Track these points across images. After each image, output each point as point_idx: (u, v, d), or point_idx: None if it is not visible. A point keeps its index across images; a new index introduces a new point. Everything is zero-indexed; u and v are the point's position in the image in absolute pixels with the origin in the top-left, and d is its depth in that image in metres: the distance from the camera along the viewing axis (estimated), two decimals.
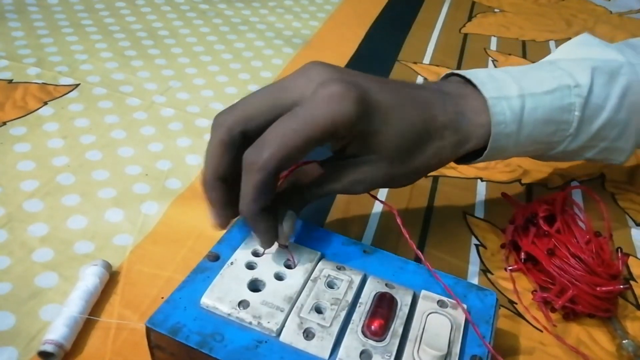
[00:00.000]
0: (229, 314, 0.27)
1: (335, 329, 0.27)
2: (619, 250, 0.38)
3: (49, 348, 0.29)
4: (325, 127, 0.27)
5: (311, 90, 0.28)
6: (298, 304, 0.28)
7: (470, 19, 0.80)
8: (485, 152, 0.33)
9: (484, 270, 0.38)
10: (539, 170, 0.49)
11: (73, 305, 0.31)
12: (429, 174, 0.46)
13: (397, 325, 0.28)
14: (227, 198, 0.30)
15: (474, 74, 0.34)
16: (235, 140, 0.29)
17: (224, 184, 0.30)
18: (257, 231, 0.30)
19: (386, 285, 0.30)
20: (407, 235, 0.31)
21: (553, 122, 0.34)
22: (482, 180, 0.47)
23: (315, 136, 0.27)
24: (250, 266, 0.30)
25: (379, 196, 0.43)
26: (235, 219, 0.33)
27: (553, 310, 0.35)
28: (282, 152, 0.27)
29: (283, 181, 0.33)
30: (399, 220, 0.31)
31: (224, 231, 0.32)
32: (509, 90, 0.33)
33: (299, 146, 0.27)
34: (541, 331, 0.34)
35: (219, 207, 0.30)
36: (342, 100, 0.27)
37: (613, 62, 0.36)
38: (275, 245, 0.31)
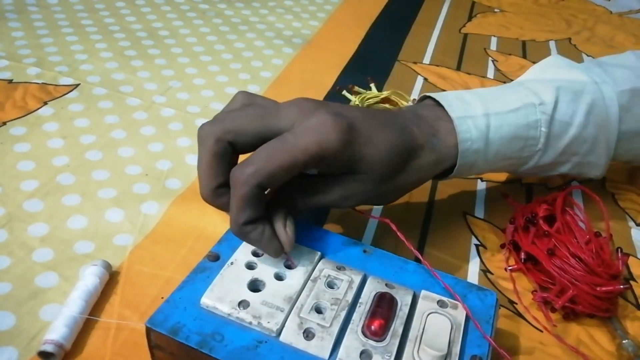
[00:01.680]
0: (229, 314, 0.27)
1: (335, 329, 0.27)
2: (619, 250, 0.38)
3: (49, 348, 0.29)
4: (311, 152, 0.29)
5: (300, 119, 0.30)
6: (298, 304, 0.28)
7: (470, 19, 0.80)
8: (456, 167, 0.35)
9: (484, 270, 0.38)
10: None
11: (73, 305, 0.31)
12: None
13: (397, 325, 0.28)
14: None
15: (444, 97, 0.36)
16: (226, 149, 0.30)
17: (228, 188, 0.30)
18: (250, 242, 0.30)
19: (386, 285, 0.30)
20: (407, 242, 0.32)
21: (520, 138, 0.36)
22: (482, 180, 0.47)
23: (301, 159, 0.28)
24: (250, 266, 0.30)
25: None
26: None
27: (553, 310, 0.35)
28: (265, 169, 0.28)
29: (275, 192, 0.33)
30: (395, 229, 0.32)
31: (224, 231, 0.32)
32: (475, 110, 0.35)
33: (283, 166, 0.28)
34: (541, 331, 0.34)
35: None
36: (329, 128, 0.29)
37: (577, 82, 0.38)
38: None
